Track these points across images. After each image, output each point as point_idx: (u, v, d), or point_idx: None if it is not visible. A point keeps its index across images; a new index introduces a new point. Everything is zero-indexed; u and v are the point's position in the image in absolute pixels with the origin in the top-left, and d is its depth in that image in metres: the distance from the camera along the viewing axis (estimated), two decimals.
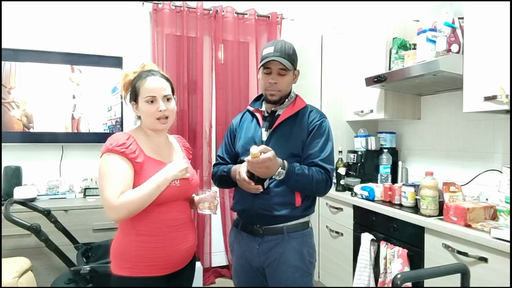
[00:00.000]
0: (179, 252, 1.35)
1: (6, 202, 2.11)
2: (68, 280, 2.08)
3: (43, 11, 2.80)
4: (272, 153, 1.33)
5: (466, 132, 2.22)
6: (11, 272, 2.03)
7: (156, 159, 1.35)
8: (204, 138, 3.12)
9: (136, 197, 1.23)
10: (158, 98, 1.33)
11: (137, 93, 1.35)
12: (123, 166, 1.26)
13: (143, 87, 1.33)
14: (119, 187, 1.23)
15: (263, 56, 1.49)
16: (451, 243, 1.64)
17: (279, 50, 1.45)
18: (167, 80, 1.39)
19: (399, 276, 1.06)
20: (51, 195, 2.72)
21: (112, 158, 1.26)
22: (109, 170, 1.25)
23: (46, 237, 1.93)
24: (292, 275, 1.46)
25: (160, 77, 1.37)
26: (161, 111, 1.32)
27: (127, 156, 1.27)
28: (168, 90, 1.37)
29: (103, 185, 1.25)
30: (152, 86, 1.33)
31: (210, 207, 1.41)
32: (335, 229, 2.52)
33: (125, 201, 1.22)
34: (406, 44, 2.29)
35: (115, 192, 1.22)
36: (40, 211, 2.25)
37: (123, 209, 1.22)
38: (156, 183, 1.27)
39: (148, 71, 1.37)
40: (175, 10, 3.01)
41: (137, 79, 1.36)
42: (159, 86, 1.34)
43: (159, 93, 1.33)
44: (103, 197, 1.24)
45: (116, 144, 1.27)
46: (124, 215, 1.23)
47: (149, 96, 1.32)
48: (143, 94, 1.33)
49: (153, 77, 1.35)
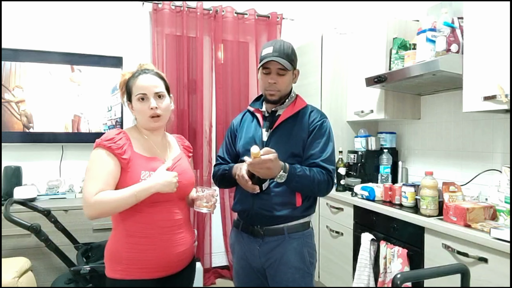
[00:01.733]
0: (173, 255, 1.30)
1: (6, 202, 2.11)
2: (68, 280, 2.08)
3: (43, 11, 2.80)
4: (275, 155, 1.32)
5: (466, 132, 2.22)
6: (11, 272, 2.03)
7: (145, 156, 1.32)
8: (204, 137, 3.12)
9: (111, 199, 1.21)
10: (149, 95, 1.31)
11: (130, 92, 1.34)
12: (108, 163, 1.25)
13: (135, 85, 1.32)
14: (98, 185, 1.22)
15: (262, 56, 1.48)
16: (451, 243, 1.64)
17: (277, 50, 1.45)
18: (160, 78, 1.37)
19: (399, 276, 1.05)
20: (51, 195, 2.72)
21: (99, 153, 1.27)
22: (92, 166, 1.26)
23: (46, 237, 1.93)
24: (293, 276, 1.46)
25: (152, 75, 1.35)
26: (152, 109, 1.31)
27: (113, 152, 1.26)
28: (160, 87, 1.34)
29: (85, 180, 1.26)
30: (142, 84, 1.32)
31: (207, 206, 1.37)
32: (335, 229, 2.52)
33: (99, 200, 1.20)
34: (406, 44, 2.30)
35: (93, 189, 1.21)
36: (40, 211, 2.25)
37: (96, 208, 1.21)
38: (135, 192, 1.22)
39: (141, 70, 1.37)
40: (175, 10, 3.01)
41: (131, 78, 1.35)
42: (149, 83, 1.33)
43: (150, 90, 1.32)
44: (83, 192, 1.25)
45: (105, 139, 1.28)
46: (96, 215, 1.22)
47: (139, 93, 1.31)
48: (134, 92, 1.32)
49: (145, 75, 1.34)
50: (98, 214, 1.22)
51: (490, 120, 2.06)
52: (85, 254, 2.20)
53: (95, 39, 2.92)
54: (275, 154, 1.33)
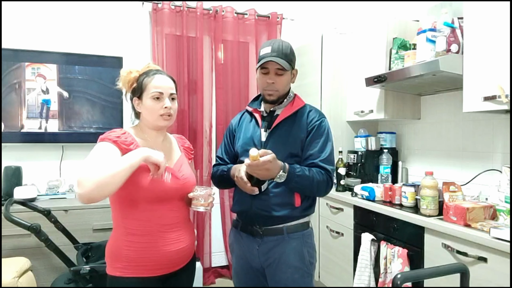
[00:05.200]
0: (172, 253, 1.31)
1: (6, 202, 2.11)
2: (68, 280, 2.08)
3: (43, 11, 2.80)
4: (273, 156, 1.32)
5: (466, 132, 2.22)
6: (11, 272, 2.03)
7: None
8: (204, 138, 3.12)
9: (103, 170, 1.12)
10: (165, 95, 1.35)
11: (143, 89, 1.35)
12: (111, 151, 1.24)
13: (151, 83, 1.34)
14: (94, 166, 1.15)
15: (260, 56, 1.49)
16: (451, 243, 1.64)
17: (276, 50, 1.45)
18: (173, 81, 1.42)
19: (399, 276, 1.06)
20: (51, 195, 2.72)
21: (103, 144, 1.27)
22: (94, 153, 1.23)
23: (46, 237, 1.93)
24: (292, 276, 1.46)
25: (167, 77, 1.40)
26: (166, 108, 1.34)
27: (119, 146, 1.26)
28: (174, 89, 1.39)
29: (82, 165, 1.17)
30: (160, 84, 1.35)
31: (204, 204, 1.37)
32: (336, 229, 2.52)
33: (88, 175, 1.11)
34: (406, 44, 2.30)
35: (86, 168, 1.14)
36: (40, 211, 2.25)
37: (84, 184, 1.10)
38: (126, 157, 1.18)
39: (156, 70, 1.40)
40: (175, 10, 3.01)
41: (144, 76, 1.37)
42: (167, 84, 1.36)
43: (167, 91, 1.35)
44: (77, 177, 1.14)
45: (111, 134, 1.29)
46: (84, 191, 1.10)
47: (156, 92, 1.33)
48: (150, 90, 1.34)
49: (161, 76, 1.38)
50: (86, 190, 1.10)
51: (490, 120, 2.06)
52: (85, 254, 2.20)
53: (95, 39, 2.92)
54: (273, 154, 1.33)
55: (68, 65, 2.79)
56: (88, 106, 2.85)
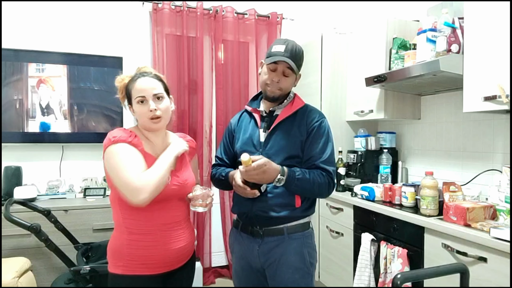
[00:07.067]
0: (173, 251, 1.34)
1: (6, 202, 2.11)
2: (68, 280, 2.08)
3: (43, 11, 2.80)
4: (265, 159, 1.33)
5: (466, 132, 2.22)
6: (11, 272, 2.03)
7: (153, 156, 1.34)
8: (205, 137, 3.12)
9: (154, 173, 1.24)
10: (148, 98, 1.32)
11: (130, 95, 1.36)
12: (133, 151, 1.28)
13: (134, 88, 1.34)
14: (136, 169, 1.23)
15: (272, 52, 1.47)
16: (451, 243, 1.64)
17: (289, 51, 1.45)
18: (159, 80, 1.38)
19: (399, 276, 1.06)
20: (51, 195, 2.72)
21: (119, 146, 1.28)
22: (120, 158, 1.25)
23: (46, 237, 1.93)
24: (293, 276, 1.46)
25: (151, 77, 1.36)
26: (151, 111, 1.32)
27: (133, 144, 1.29)
28: (158, 89, 1.35)
29: (117, 173, 1.24)
30: (141, 87, 1.33)
31: (202, 205, 1.37)
32: (336, 229, 2.52)
33: (146, 180, 1.21)
34: (406, 44, 2.29)
35: (134, 174, 1.21)
36: (40, 211, 2.25)
37: (146, 189, 1.20)
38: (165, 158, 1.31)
39: (140, 73, 1.38)
40: (175, 10, 3.01)
41: (130, 82, 1.37)
42: (148, 86, 1.34)
43: (149, 92, 1.33)
44: (121, 184, 1.23)
45: (120, 136, 1.29)
46: (148, 195, 1.20)
47: (139, 96, 1.32)
48: (134, 95, 1.34)
49: (143, 78, 1.35)
50: (150, 194, 1.21)
51: (490, 121, 2.06)
52: (85, 254, 2.20)
53: (95, 39, 2.92)
54: (264, 158, 1.34)
55: (68, 65, 2.79)
56: (89, 106, 2.85)
